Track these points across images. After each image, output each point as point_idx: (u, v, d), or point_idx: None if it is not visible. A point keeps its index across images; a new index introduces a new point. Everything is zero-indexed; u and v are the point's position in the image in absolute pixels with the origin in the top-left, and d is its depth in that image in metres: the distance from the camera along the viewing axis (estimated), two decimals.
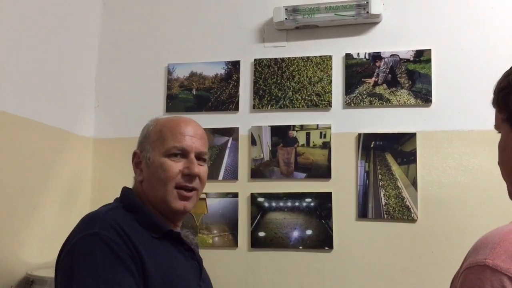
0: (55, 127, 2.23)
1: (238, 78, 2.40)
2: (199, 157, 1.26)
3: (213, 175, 2.31)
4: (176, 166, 1.21)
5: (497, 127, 0.85)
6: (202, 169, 1.26)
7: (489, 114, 2.23)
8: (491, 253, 0.63)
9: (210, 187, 2.31)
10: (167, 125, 1.26)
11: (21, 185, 2.01)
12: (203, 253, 2.14)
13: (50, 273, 1.88)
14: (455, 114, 2.14)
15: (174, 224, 1.30)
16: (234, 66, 2.41)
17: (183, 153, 1.23)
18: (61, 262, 1.10)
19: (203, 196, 2.30)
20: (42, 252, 2.12)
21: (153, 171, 1.22)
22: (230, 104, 2.39)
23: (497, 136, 2.30)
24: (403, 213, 2.10)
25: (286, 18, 2.28)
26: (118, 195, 1.29)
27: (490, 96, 2.41)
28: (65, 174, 2.31)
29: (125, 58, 2.56)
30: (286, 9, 2.27)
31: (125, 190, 1.29)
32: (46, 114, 2.17)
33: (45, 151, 2.17)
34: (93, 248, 1.05)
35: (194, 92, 2.45)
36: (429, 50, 2.20)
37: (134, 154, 1.28)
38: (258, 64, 2.37)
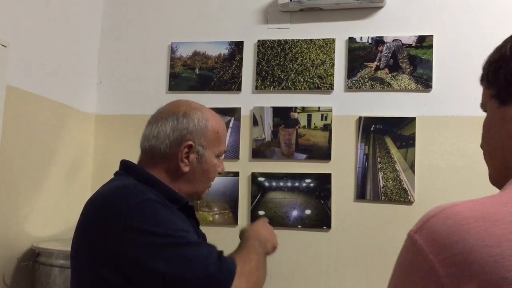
0: (59, 102, 2.25)
1: (241, 58, 2.41)
2: None
3: None
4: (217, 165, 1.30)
5: (483, 105, 0.82)
6: None
7: None
8: (419, 225, 0.64)
9: None
10: (221, 127, 1.29)
11: (25, 159, 2.04)
12: (203, 231, 2.20)
13: (56, 246, 1.93)
14: (454, 100, 2.17)
15: None
16: (237, 47, 2.43)
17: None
18: (119, 233, 1.04)
19: None
20: (45, 226, 2.16)
21: (206, 170, 1.23)
22: (232, 84, 2.41)
23: None
24: (400, 195, 2.15)
25: (290, 0, 2.28)
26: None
27: None
28: (67, 148, 2.33)
29: (128, 35, 2.57)
30: None
31: (131, 164, 1.27)
32: (50, 89, 2.19)
33: (49, 125, 2.20)
34: (155, 209, 1.08)
35: (197, 71, 2.47)
36: (431, 36, 2.22)
37: (188, 145, 1.21)
38: (262, 45, 2.39)
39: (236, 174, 2.33)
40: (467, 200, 0.64)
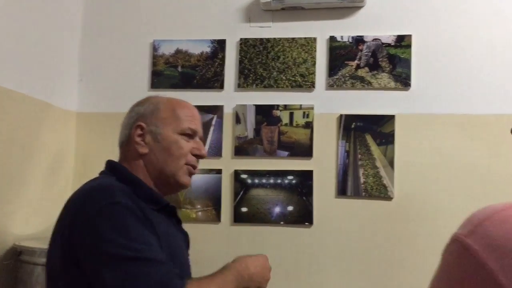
0: (39, 99, 2.23)
1: (223, 56, 2.43)
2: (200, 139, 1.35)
3: None
4: (187, 145, 1.27)
5: None
6: None
7: (464, 99, 2.33)
8: (468, 230, 0.60)
9: None
10: (179, 106, 1.31)
11: (6, 157, 2.02)
12: (186, 228, 2.21)
13: (38, 244, 1.92)
14: (432, 98, 2.23)
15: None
16: (220, 45, 2.44)
17: (192, 135, 1.29)
18: (81, 230, 1.06)
19: None
20: (28, 224, 2.15)
21: (166, 147, 1.25)
22: (215, 82, 2.42)
23: (470, 120, 2.41)
24: (380, 191, 2.20)
25: None
26: (101, 169, 1.29)
27: (466, 82, 2.52)
28: (49, 147, 2.32)
29: (109, 33, 2.55)
30: None
31: (116, 164, 1.29)
32: (30, 86, 2.17)
33: (29, 123, 2.18)
34: (122, 215, 1.06)
35: (179, 69, 2.48)
36: (410, 36, 2.27)
37: (138, 126, 1.27)
38: (244, 44, 2.41)
39: (219, 171, 2.35)
40: (505, 203, 0.62)
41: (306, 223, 2.26)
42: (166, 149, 1.25)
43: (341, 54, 2.32)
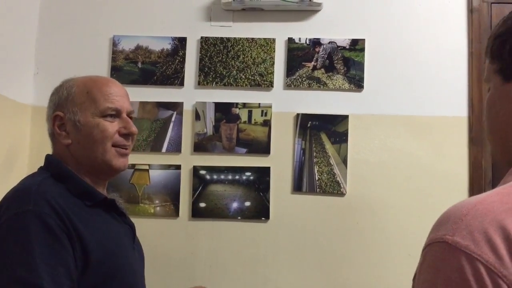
0: None
1: (184, 54, 2.46)
2: (129, 115, 1.30)
3: (156, 147, 2.39)
4: (112, 126, 1.23)
5: (487, 79, 0.75)
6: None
7: (411, 101, 2.47)
8: (451, 228, 0.58)
9: (153, 159, 2.38)
10: (94, 86, 1.25)
11: None
12: (144, 223, 2.22)
13: None
14: (382, 100, 2.36)
15: (103, 186, 1.30)
16: (180, 42, 2.47)
17: (116, 114, 1.25)
18: None
19: (146, 167, 2.38)
20: None
21: (87, 133, 1.21)
22: (175, 79, 2.45)
23: (417, 121, 2.56)
24: (333, 188, 2.31)
25: (233, 0, 2.36)
26: None
27: (414, 85, 2.68)
28: (2, 140, 2.27)
29: (68, 26, 2.52)
30: None
31: (51, 158, 1.26)
32: None
33: None
34: (27, 228, 1.01)
35: (139, 65, 2.48)
36: (363, 40, 2.39)
37: (56, 116, 1.23)
38: (205, 42, 2.45)
39: (178, 167, 2.38)
40: (476, 197, 0.62)
41: (263, 218, 2.33)
42: (88, 136, 1.21)
43: (299, 55, 2.41)
